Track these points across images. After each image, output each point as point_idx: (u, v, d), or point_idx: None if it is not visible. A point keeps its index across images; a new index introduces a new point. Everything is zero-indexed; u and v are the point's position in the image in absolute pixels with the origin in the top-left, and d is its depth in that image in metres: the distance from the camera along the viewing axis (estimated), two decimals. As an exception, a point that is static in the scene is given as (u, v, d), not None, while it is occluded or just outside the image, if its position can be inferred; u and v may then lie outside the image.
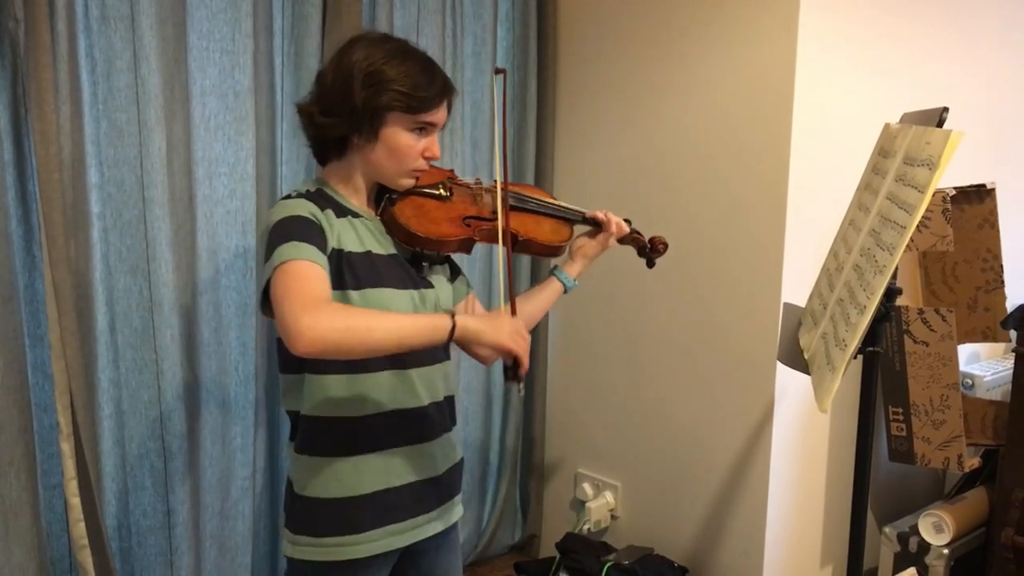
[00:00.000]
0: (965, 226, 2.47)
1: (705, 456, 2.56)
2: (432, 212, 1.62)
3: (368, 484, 1.53)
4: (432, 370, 1.61)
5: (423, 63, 1.52)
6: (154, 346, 2.11)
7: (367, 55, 1.48)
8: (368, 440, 1.53)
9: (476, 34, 2.71)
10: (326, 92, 1.51)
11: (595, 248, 1.85)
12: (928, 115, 1.40)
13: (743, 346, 2.42)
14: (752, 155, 2.35)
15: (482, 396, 2.93)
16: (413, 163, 1.54)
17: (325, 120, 1.50)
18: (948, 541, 2.45)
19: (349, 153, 1.55)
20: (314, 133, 1.55)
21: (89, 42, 1.97)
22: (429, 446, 1.61)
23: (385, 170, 1.55)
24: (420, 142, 1.53)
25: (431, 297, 1.60)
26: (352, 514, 1.53)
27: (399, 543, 1.58)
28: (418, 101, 1.49)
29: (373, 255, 1.53)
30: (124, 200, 2.04)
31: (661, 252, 1.96)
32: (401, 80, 1.47)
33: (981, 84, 2.86)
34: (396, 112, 1.49)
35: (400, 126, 1.51)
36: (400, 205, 1.59)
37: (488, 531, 2.99)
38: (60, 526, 2.06)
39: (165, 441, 2.15)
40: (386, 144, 1.51)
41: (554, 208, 1.82)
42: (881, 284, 1.26)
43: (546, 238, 1.76)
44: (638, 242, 1.96)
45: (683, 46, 2.49)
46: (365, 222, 1.56)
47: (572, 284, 1.84)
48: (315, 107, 1.52)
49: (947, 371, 2.27)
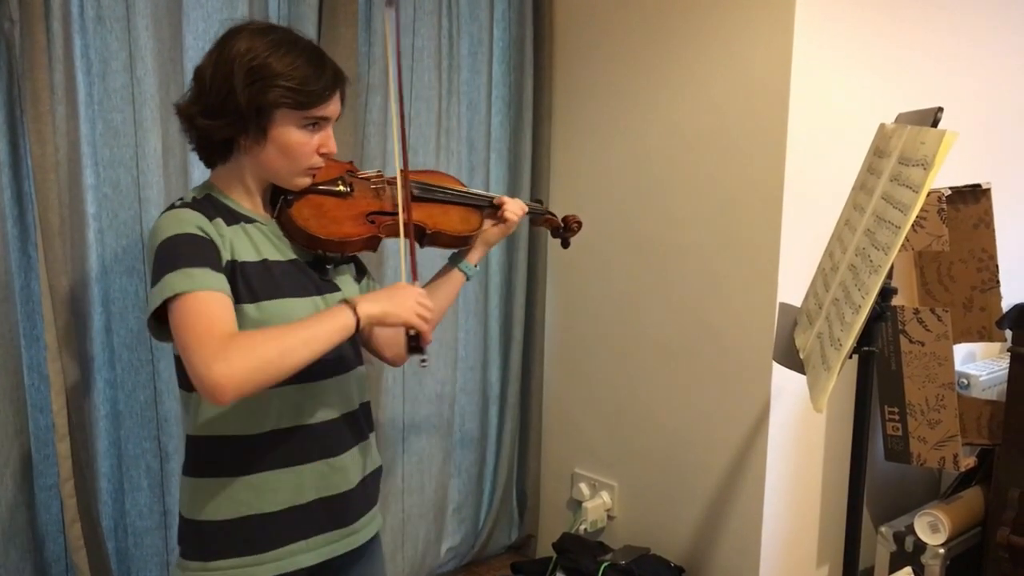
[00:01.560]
0: (961, 226, 2.48)
1: (702, 456, 2.56)
2: (332, 211, 1.51)
3: (268, 503, 1.43)
4: (345, 379, 1.53)
5: (310, 53, 1.41)
6: (150, 347, 2.10)
7: (248, 47, 1.36)
8: (267, 457, 1.43)
9: (472, 35, 2.71)
10: (206, 91, 1.38)
11: (496, 234, 1.76)
12: (923, 115, 1.41)
13: (739, 346, 2.42)
14: (748, 155, 2.35)
15: (479, 396, 2.93)
16: (308, 161, 1.44)
17: (207, 122, 1.38)
18: (944, 540, 2.45)
19: (237, 155, 1.43)
20: (197, 136, 1.43)
21: (85, 43, 1.96)
22: (339, 460, 1.51)
23: (278, 170, 1.44)
24: (314, 138, 1.42)
25: (336, 301, 1.47)
26: (248, 535, 1.43)
27: (307, 561, 1.48)
28: (307, 96, 1.38)
29: (270, 263, 1.43)
30: (120, 201, 2.04)
31: (575, 231, 1.90)
32: (288, 74, 1.36)
33: (976, 84, 2.86)
34: (284, 109, 1.38)
35: (290, 123, 1.39)
36: (297, 206, 1.48)
37: (485, 531, 2.99)
38: (56, 527, 2.05)
39: (161, 442, 2.15)
40: (276, 143, 1.40)
41: (462, 196, 1.73)
42: (876, 284, 1.27)
43: (455, 228, 1.67)
44: (551, 223, 1.91)
45: (679, 46, 2.49)
46: (260, 227, 1.46)
47: (473, 272, 1.75)
48: (195, 108, 1.39)
49: (943, 371, 2.28)
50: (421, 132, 2.60)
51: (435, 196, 1.69)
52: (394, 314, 1.41)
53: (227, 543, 1.43)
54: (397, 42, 1.56)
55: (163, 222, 1.37)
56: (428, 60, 2.58)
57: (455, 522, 2.95)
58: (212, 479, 1.43)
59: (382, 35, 2.40)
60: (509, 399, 2.95)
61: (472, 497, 2.98)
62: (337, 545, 1.53)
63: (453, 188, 1.73)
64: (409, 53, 2.54)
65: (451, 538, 2.94)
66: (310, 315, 1.38)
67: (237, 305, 1.37)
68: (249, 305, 1.38)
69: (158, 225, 1.38)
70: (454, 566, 2.97)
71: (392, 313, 1.41)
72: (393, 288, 1.46)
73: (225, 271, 1.36)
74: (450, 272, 1.74)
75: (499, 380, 2.97)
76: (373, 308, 1.39)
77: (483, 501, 3.03)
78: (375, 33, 2.40)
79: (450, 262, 1.75)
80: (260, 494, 1.43)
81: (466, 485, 2.96)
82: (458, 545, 2.96)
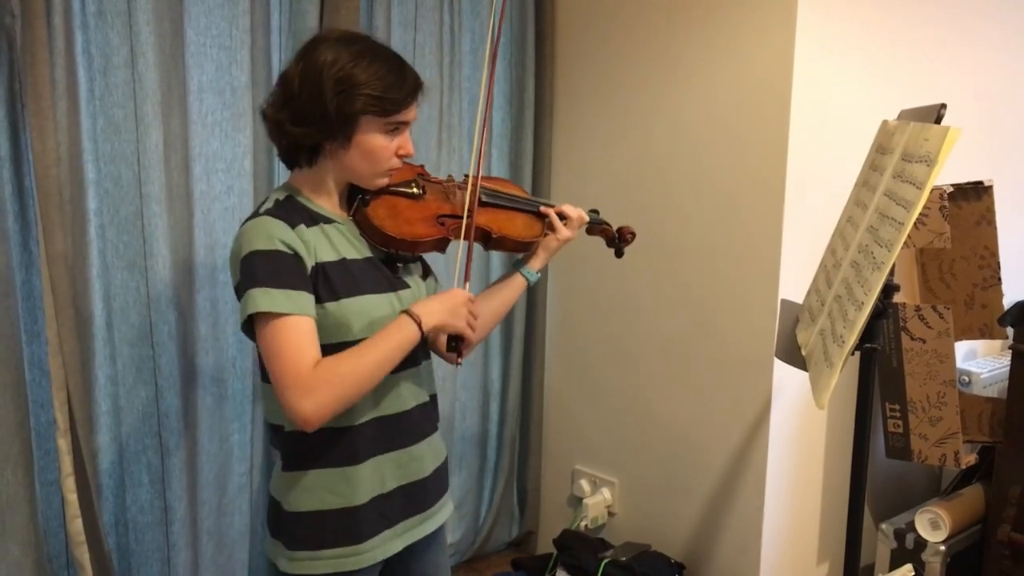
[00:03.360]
0: (962, 223, 2.48)
1: (702, 453, 2.56)
2: (406, 212, 1.59)
3: (362, 493, 1.52)
4: (416, 372, 1.60)
5: (392, 62, 1.48)
6: (151, 342, 2.10)
7: (335, 58, 1.43)
8: (358, 449, 1.51)
9: (474, 31, 2.71)
10: (294, 99, 1.45)
11: (557, 243, 1.81)
12: (926, 111, 1.41)
13: (741, 343, 2.42)
14: (750, 152, 2.35)
15: (480, 392, 2.93)
16: (388, 163, 1.52)
17: (297, 129, 1.45)
18: (945, 538, 2.46)
19: (321, 159, 1.51)
20: (286, 143, 1.50)
21: (86, 38, 1.96)
22: (417, 449, 1.60)
23: (360, 172, 1.52)
24: (394, 142, 1.50)
25: (408, 298, 1.58)
26: (351, 524, 1.51)
27: (395, 548, 1.58)
28: (391, 103, 1.46)
29: (348, 261, 1.50)
30: (121, 196, 2.04)
31: (629, 241, 1.94)
32: (372, 83, 1.43)
33: (979, 81, 2.86)
34: (369, 116, 1.45)
35: (374, 129, 1.47)
36: (373, 206, 1.55)
37: (485, 528, 2.99)
38: (57, 522, 2.05)
39: (162, 437, 2.15)
40: (360, 148, 1.48)
41: (526, 203, 1.79)
42: (879, 281, 1.27)
43: (519, 234, 1.74)
44: (606, 233, 1.95)
45: (681, 44, 2.49)
46: (338, 227, 1.53)
47: (535, 278, 1.81)
48: (284, 115, 1.46)
49: (944, 368, 2.27)
50: (423, 128, 2.60)
51: (501, 202, 1.75)
52: (451, 324, 1.54)
53: (333, 533, 1.51)
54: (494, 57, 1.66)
55: (249, 231, 1.43)
56: (430, 56, 2.58)
57: (456, 518, 2.95)
58: (311, 472, 1.51)
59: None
60: (510, 396, 2.95)
61: (473, 493, 2.98)
62: (417, 530, 1.63)
63: (518, 195, 1.80)
64: (411, 49, 2.54)
65: (452, 534, 2.94)
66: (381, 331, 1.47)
67: (320, 305, 1.45)
68: (331, 303, 1.46)
69: (244, 233, 1.44)
70: (455, 562, 2.97)
71: (449, 323, 1.53)
72: (447, 296, 1.55)
73: (310, 278, 1.44)
74: (513, 277, 1.80)
75: (500, 377, 2.97)
76: (433, 319, 1.50)
77: (484, 497, 3.03)
78: (377, 30, 2.40)
79: (513, 267, 1.81)
80: (355, 485, 1.52)
81: (467, 481, 2.96)
82: (459, 541, 2.96)
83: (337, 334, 1.46)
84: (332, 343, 1.46)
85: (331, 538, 1.51)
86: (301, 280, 1.42)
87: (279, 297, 1.38)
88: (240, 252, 1.42)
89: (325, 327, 1.45)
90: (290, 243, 1.42)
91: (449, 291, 1.57)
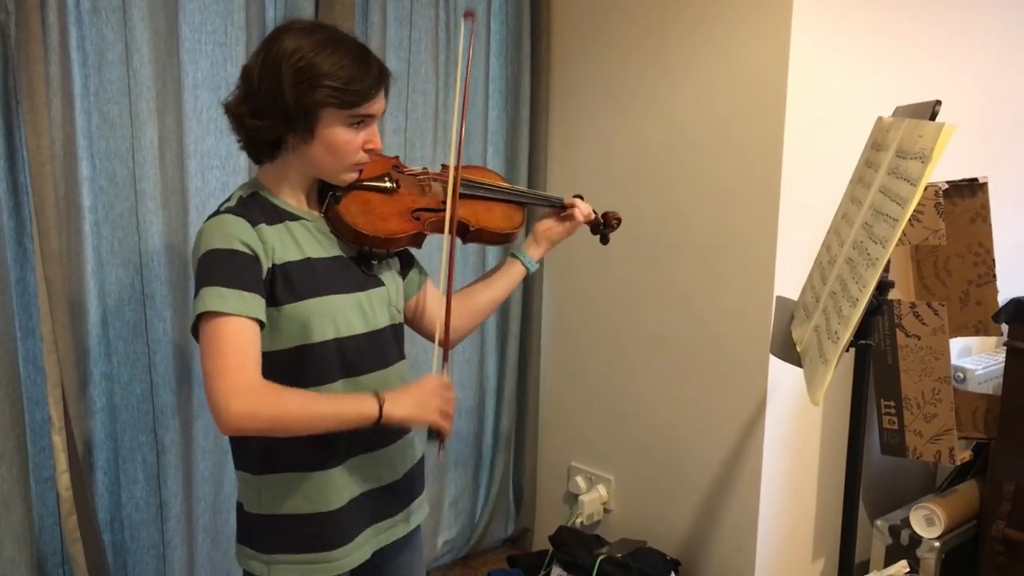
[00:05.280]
0: (957, 220, 2.48)
1: (698, 449, 2.56)
2: (379, 208, 1.53)
3: (334, 498, 1.48)
4: (387, 374, 1.55)
5: (355, 52, 1.42)
6: (146, 339, 2.10)
7: (295, 48, 1.38)
8: (327, 452, 1.47)
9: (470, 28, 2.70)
10: (254, 91, 1.40)
11: (562, 233, 1.79)
12: (921, 108, 1.41)
13: (736, 339, 2.43)
14: (745, 148, 2.35)
15: (475, 390, 2.93)
16: (354, 158, 1.46)
17: (256, 122, 1.41)
18: (939, 534, 2.46)
19: (284, 153, 1.46)
20: (246, 136, 1.45)
21: (80, 34, 1.96)
22: (387, 452, 1.56)
23: (325, 167, 1.47)
24: (359, 135, 1.45)
25: (381, 296, 1.54)
26: (328, 529, 1.48)
27: (367, 553, 1.55)
28: (353, 95, 1.40)
29: (313, 260, 1.46)
30: (116, 193, 2.04)
31: (614, 227, 1.90)
32: (334, 74, 1.38)
33: (974, 78, 2.86)
34: (331, 108, 1.40)
35: (337, 122, 1.42)
36: (345, 203, 1.50)
37: (481, 524, 2.99)
38: (52, 519, 2.05)
39: (158, 435, 2.14)
40: (323, 142, 1.42)
41: (504, 192, 1.73)
42: (873, 277, 1.27)
43: (498, 225, 1.68)
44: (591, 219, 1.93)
45: (677, 40, 2.49)
46: (305, 224, 1.48)
47: (534, 267, 1.78)
48: (244, 108, 1.42)
49: (939, 365, 2.28)
50: (418, 125, 2.59)
51: (479, 193, 1.69)
52: (419, 417, 1.46)
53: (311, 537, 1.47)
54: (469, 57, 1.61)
55: (209, 230, 1.40)
56: (425, 53, 2.58)
57: (451, 515, 2.95)
58: (280, 475, 1.47)
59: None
60: (506, 393, 2.95)
61: (468, 490, 2.98)
62: (391, 532, 1.60)
63: (498, 185, 1.74)
64: (406, 45, 2.53)
65: (447, 531, 2.95)
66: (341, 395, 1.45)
67: (277, 307, 1.41)
68: (290, 305, 1.41)
69: (204, 231, 1.40)
70: (450, 559, 2.97)
71: (417, 417, 1.46)
72: (418, 387, 1.49)
73: (265, 280, 1.40)
74: (512, 264, 1.76)
75: (496, 374, 2.97)
76: (399, 411, 1.43)
77: (479, 494, 3.03)
78: (372, 26, 2.40)
79: (512, 254, 1.78)
80: (326, 489, 1.48)
81: (462, 478, 2.96)
82: (454, 538, 2.96)
83: (298, 336, 1.43)
84: (292, 346, 1.43)
85: (302, 543, 1.47)
86: (254, 282, 1.38)
87: (231, 297, 1.34)
88: (199, 250, 1.39)
89: (285, 329, 1.42)
90: (248, 242, 1.38)
91: (422, 380, 1.49)
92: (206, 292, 1.35)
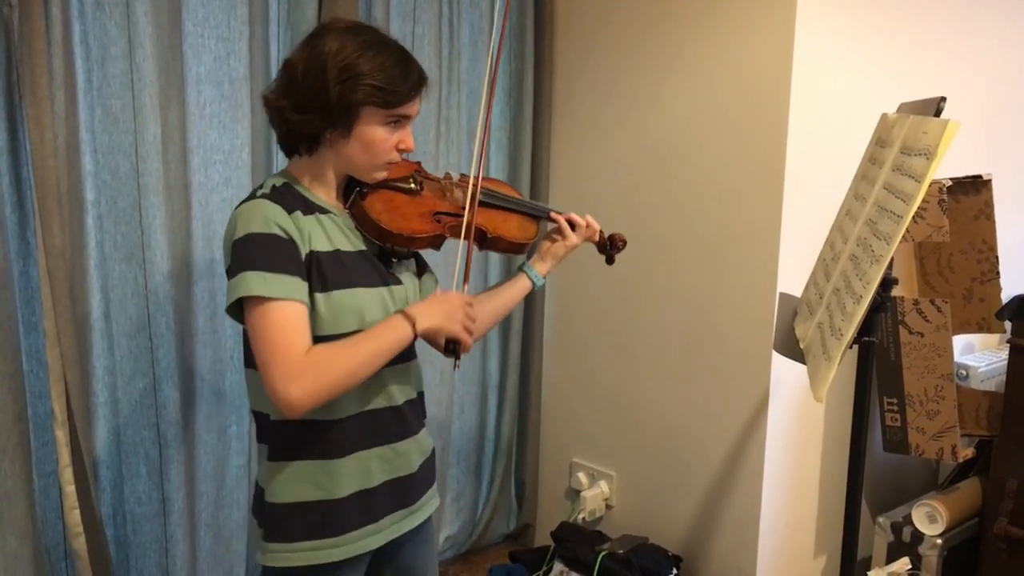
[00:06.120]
0: (961, 217, 2.47)
1: (700, 446, 2.56)
2: (403, 207, 1.58)
3: (344, 487, 1.50)
4: (404, 368, 1.59)
5: (398, 55, 1.47)
6: (149, 334, 2.10)
7: (340, 47, 1.42)
8: (342, 443, 1.50)
9: (473, 23, 2.70)
10: (296, 86, 1.44)
11: (564, 249, 1.82)
12: (925, 105, 1.40)
13: (739, 336, 2.42)
14: (749, 145, 2.34)
15: (478, 386, 2.93)
16: (387, 156, 1.51)
17: (298, 116, 1.44)
18: (941, 531, 2.46)
19: (320, 147, 1.49)
20: (286, 129, 1.48)
21: (84, 28, 1.96)
22: (403, 444, 1.59)
23: (358, 164, 1.51)
24: (394, 135, 1.49)
25: (401, 293, 1.56)
26: (328, 518, 1.49)
27: (377, 543, 1.55)
28: (394, 95, 1.45)
29: (341, 253, 1.49)
30: (119, 187, 2.04)
31: (620, 249, 1.92)
32: (376, 74, 1.42)
33: (978, 75, 2.86)
34: (371, 107, 1.44)
35: (375, 121, 1.46)
36: (370, 199, 1.54)
37: (483, 520, 2.99)
38: (55, 514, 2.06)
39: (160, 429, 2.15)
40: (360, 139, 1.47)
41: (523, 205, 1.79)
42: (877, 274, 1.27)
43: (513, 235, 1.74)
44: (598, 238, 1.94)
45: (680, 37, 2.48)
46: (333, 218, 1.51)
47: (541, 282, 1.81)
48: (286, 101, 1.45)
49: (942, 362, 2.28)
50: (421, 121, 2.59)
51: (498, 203, 1.75)
52: (446, 328, 1.51)
53: (308, 526, 1.49)
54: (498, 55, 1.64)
55: (245, 213, 1.42)
56: (428, 48, 2.57)
57: (453, 511, 2.96)
58: (295, 463, 1.49)
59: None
60: (508, 388, 2.95)
61: (471, 486, 2.99)
62: (403, 523, 1.61)
63: (515, 197, 1.80)
64: (409, 40, 2.53)
65: (449, 527, 2.95)
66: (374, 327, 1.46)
67: (312, 294, 1.43)
68: (320, 294, 1.44)
69: (240, 214, 1.42)
70: (452, 555, 2.97)
71: (444, 327, 1.51)
72: (444, 299, 1.53)
73: (304, 265, 1.42)
74: (518, 278, 1.80)
75: (498, 369, 2.97)
76: (429, 322, 1.48)
77: (481, 490, 3.03)
78: (375, 21, 2.39)
79: (519, 268, 1.81)
80: (337, 479, 1.50)
81: (464, 474, 2.96)
82: (456, 534, 2.96)
83: (325, 327, 1.44)
84: (319, 336, 1.44)
85: (308, 531, 1.49)
86: (296, 266, 1.41)
87: (273, 281, 1.37)
88: (234, 234, 1.40)
89: (312, 319, 1.44)
90: (286, 228, 1.41)
91: (446, 293, 1.55)
92: (249, 276, 1.37)
